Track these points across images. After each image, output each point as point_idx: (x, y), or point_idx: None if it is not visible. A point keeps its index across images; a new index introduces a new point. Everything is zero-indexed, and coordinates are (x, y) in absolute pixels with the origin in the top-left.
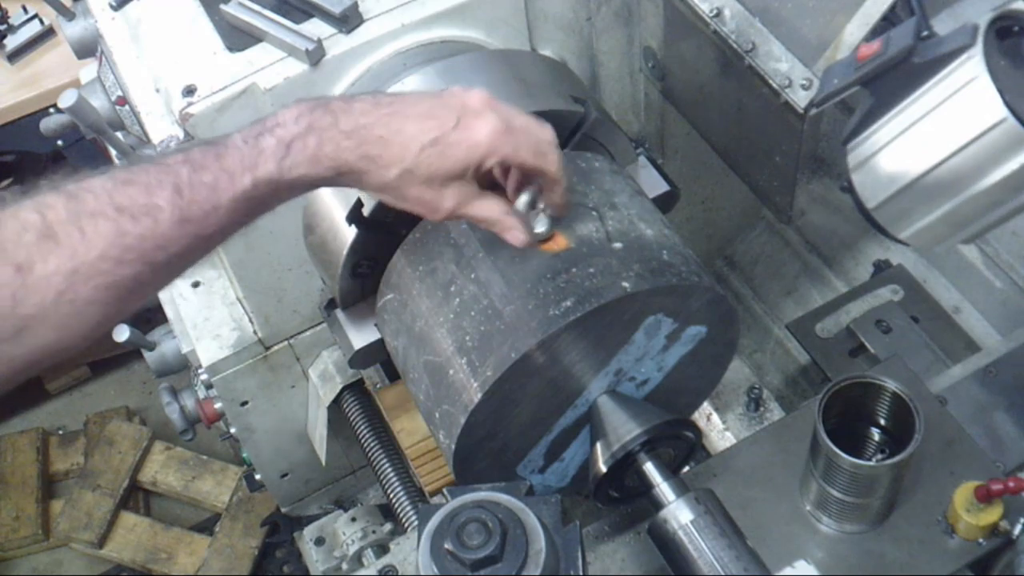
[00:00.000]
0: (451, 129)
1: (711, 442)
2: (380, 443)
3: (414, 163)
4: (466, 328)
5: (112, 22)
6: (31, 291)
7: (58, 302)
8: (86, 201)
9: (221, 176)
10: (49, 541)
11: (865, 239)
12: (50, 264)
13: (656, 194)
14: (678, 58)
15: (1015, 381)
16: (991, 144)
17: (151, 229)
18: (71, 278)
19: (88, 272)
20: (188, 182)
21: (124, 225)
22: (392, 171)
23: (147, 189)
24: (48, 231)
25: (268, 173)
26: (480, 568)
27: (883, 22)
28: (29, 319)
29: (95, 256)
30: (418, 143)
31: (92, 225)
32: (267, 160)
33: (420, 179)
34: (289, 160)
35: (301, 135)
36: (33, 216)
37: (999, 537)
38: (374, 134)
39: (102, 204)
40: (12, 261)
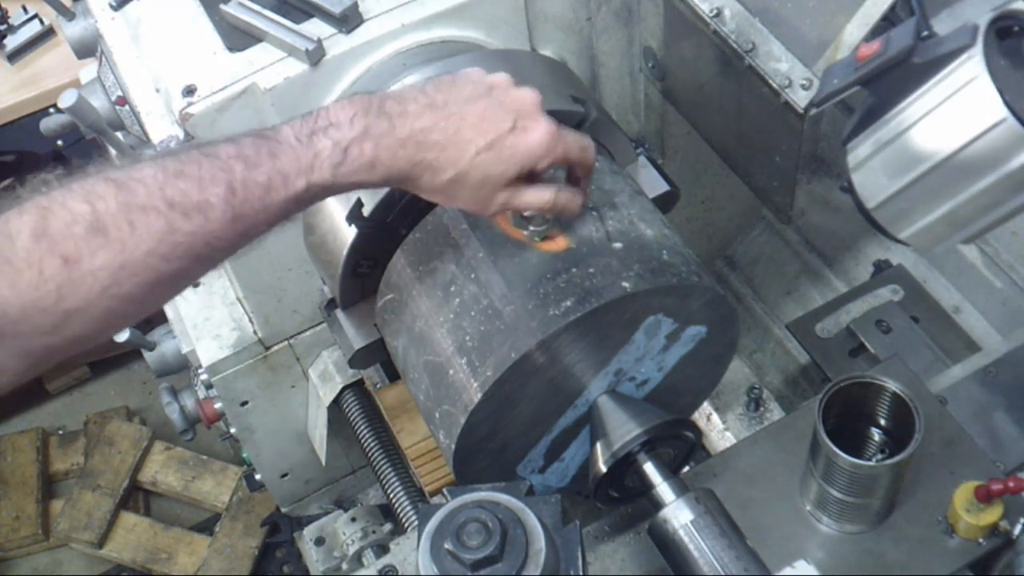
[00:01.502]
0: (507, 132)
1: (711, 442)
2: (380, 443)
3: (469, 167)
4: (466, 328)
5: (112, 22)
6: (77, 285)
7: (102, 296)
8: (137, 193)
9: (275, 177)
10: (49, 541)
11: (865, 239)
12: (98, 259)
13: (656, 194)
14: (678, 58)
15: (1015, 381)
16: (991, 144)
17: (202, 227)
18: (118, 274)
19: (135, 268)
20: (242, 181)
21: (175, 222)
22: (446, 175)
23: (200, 184)
24: (98, 223)
25: (323, 179)
26: (480, 568)
27: (883, 22)
28: (72, 312)
29: (143, 252)
30: (474, 147)
31: (143, 219)
32: (322, 165)
33: (473, 182)
34: (345, 167)
35: (357, 140)
36: (83, 207)
37: (999, 537)
38: (430, 139)
39: (153, 198)
40: (60, 253)
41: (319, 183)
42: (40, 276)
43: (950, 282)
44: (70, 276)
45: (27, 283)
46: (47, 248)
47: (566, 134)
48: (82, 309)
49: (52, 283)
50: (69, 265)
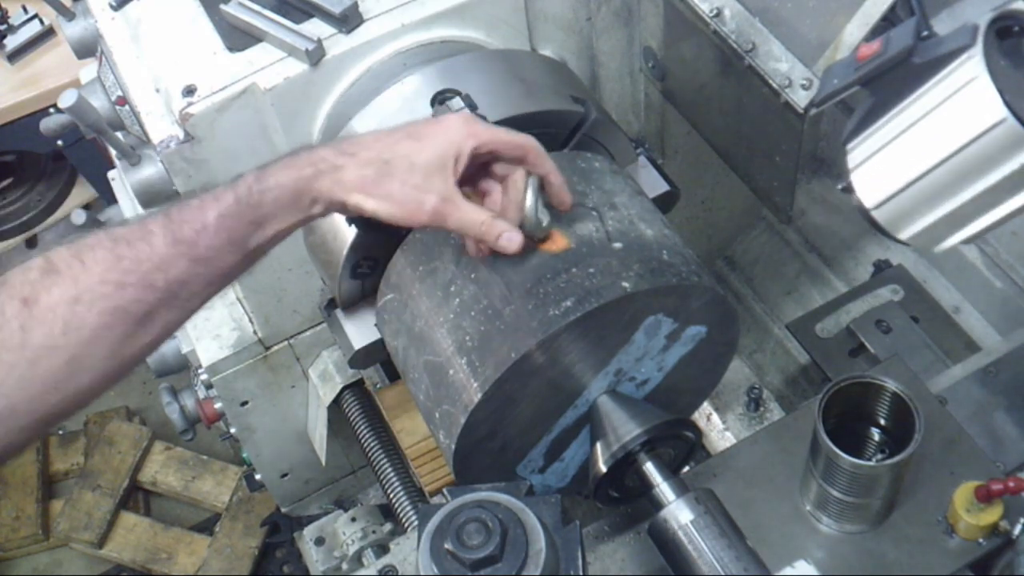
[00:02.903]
0: (423, 124)
1: (711, 442)
2: (380, 443)
3: (391, 153)
4: (466, 328)
5: (112, 22)
6: (38, 321)
7: (66, 330)
8: (86, 240)
9: (206, 198)
10: (49, 541)
11: (865, 239)
12: (54, 294)
13: (656, 194)
14: (678, 58)
15: (1015, 381)
16: (991, 144)
17: (146, 252)
18: (74, 305)
19: (90, 298)
20: (177, 208)
21: (120, 250)
22: (372, 163)
23: (140, 222)
24: (50, 267)
25: (247, 185)
26: (480, 568)
27: (883, 22)
28: (39, 350)
29: (95, 281)
30: (394, 138)
31: (91, 255)
32: (247, 177)
33: (400, 170)
34: (267, 170)
35: (279, 159)
36: (38, 260)
37: (999, 537)
38: (352, 138)
39: (100, 239)
40: (19, 296)
41: (244, 191)
42: (2, 317)
43: (950, 282)
44: (31, 314)
45: None
46: (6, 295)
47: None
48: (48, 345)
49: (15, 322)
50: (28, 305)
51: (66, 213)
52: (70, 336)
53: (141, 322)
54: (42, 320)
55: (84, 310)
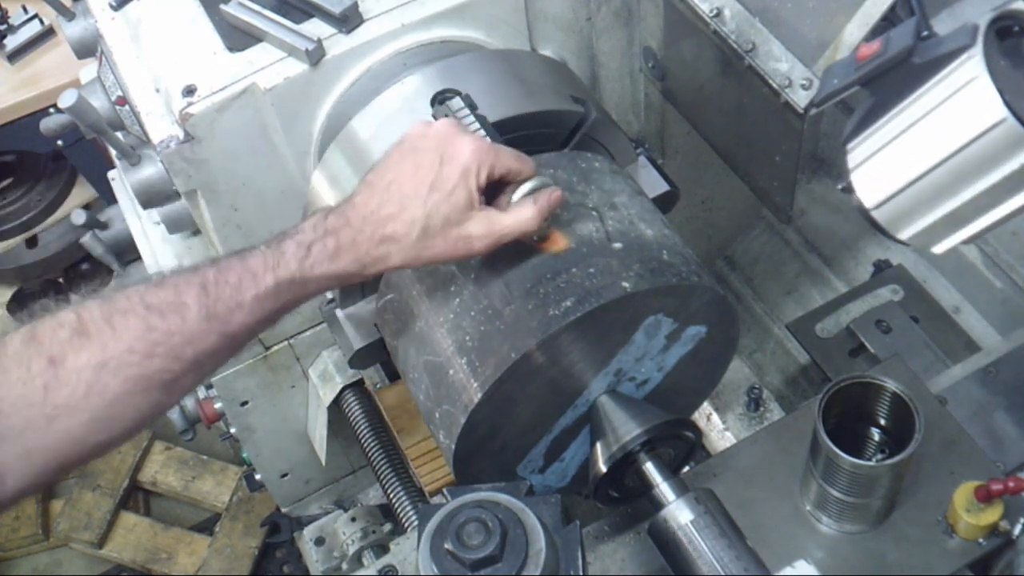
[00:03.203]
0: (439, 167)
1: (711, 442)
2: (380, 443)
3: (425, 217)
4: (466, 328)
5: (112, 22)
6: (62, 383)
7: (88, 394)
8: (118, 302)
9: (245, 276)
10: (49, 541)
11: (865, 239)
12: (81, 358)
13: (656, 194)
14: (678, 58)
15: (1015, 381)
16: (991, 144)
17: (178, 325)
18: (100, 371)
19: (116, 365)
20: (214, 281)
21: (152, 321)
22: (413, 235)
23: (176, 289)
24: (81, 328)
25: (290, 272)
26: (480, 568)
27: (883, 22)
28: (60, 409)
29: (123, 349)
30: (420, 198)
31: (122, 322)
32: (288, 261)
33: (438, 228)
34: (310, 260)
35: (320, 238)
36: (70, 316)
37: (999, 537)
38: (383, 213)
39: (133, 303)
40: (46, 354)
41: (286, 277)
42: (28, 373)
43: (950, 282)
44: (56, 374)
45: (15, 379)
46: (35, 350)
47: (496, 145)
48: (70, 406)
49: (39, 380)
50: (55, 365)
51: (66, 213)
52: (92, 400)
53: (164, 389)
54: (66, 382)
55: (109, 376)
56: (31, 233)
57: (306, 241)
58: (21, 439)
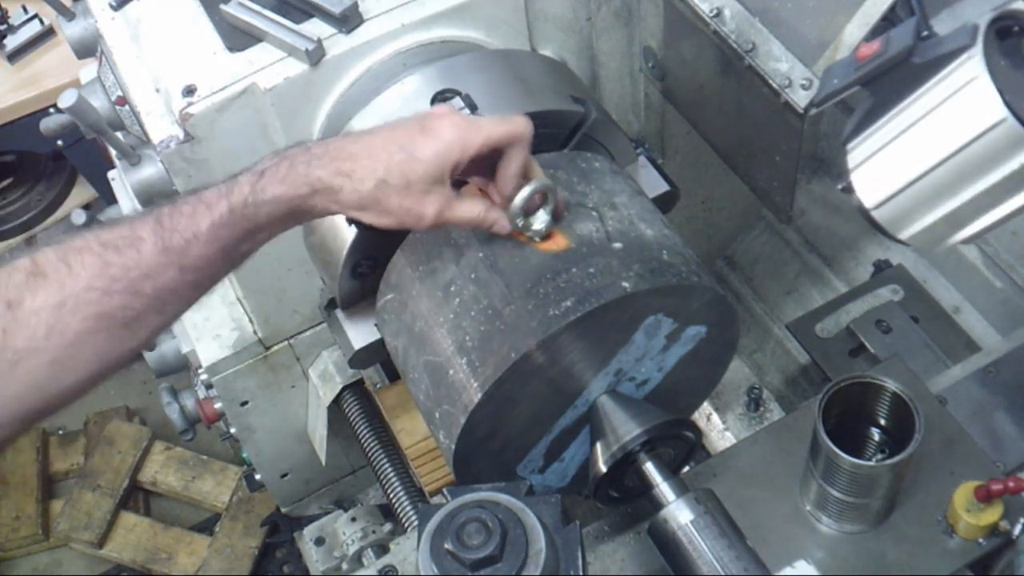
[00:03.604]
0: (417, 133)
1: (711, 442)
2: (380, 443)
3: (387, 171)
4: (466, 328)
5: (112, 22)
6: (22, 325)
7: (49, 335)
8: (73, 242)
9: (199, 206)
10: (49, 541)
11: (865, 239)
12: (39, 299)
13: (656, 194)
14: (678, 58)
15: (1015, 381)
16: (991, 144)
17: (135, 259)
18: (59, 311)
19: (75, 303)
20: (168, 214)
21: (108, 256)
22: (367, 183)
23: (131, 225)
24: (37, 270)
25: (242, 196)
26: (480, 568)
27: (883, 22)
28: (21, 352)
29: (81, 287)
30: (388, 152)
31: (78, 260)
32: (241, 186)
33: (397, 188)
34: (262, 182)
35: (274, 164)
36: (25, 261)
37: (999, 537)
38: (345, 151)
39: (88, 242)
40: (3, 298)
41: (239, 201)
42: None
43: (950, 282)
44: (14, 317)
45: None
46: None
47: (480, 120)
48: (31, 348)
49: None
50: (12, 308)
51: (66, 213)
52: (52, 340)
53: (127, 327)
54: (25, 324)
55: (68, 315)
56: (31, 233)
57: (260, 168)
58: None
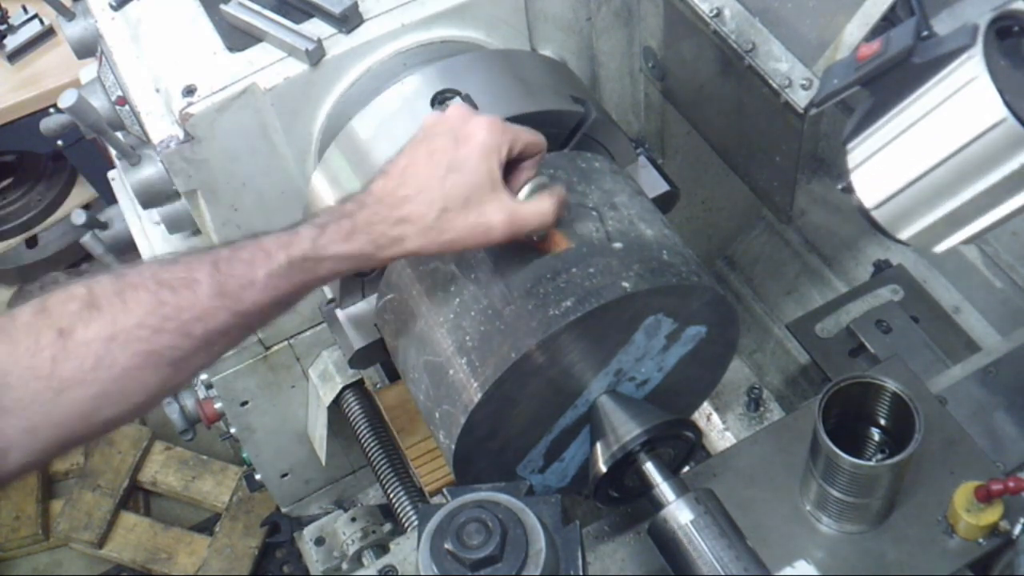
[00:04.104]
0: (454, 148)
1: (711, 442)
2: (380, 443)
3: (444, 198)
4: (466, 328)
5: (112, 22)
6: (71, 355)
7: (97, 367)
8: (130, 276)
9: (258, 253)
10: (49, 541)
11: (865, 239)
12: (91, 330)
13: (656, 194)
14: (678, 58)
15: (1015, 381)
16: (991, 144)
17: (189, 301)
18: (109, 344)
19: (126, 339)
20: (226, 259)
21: (163, 296)
22: (429, 218)
23: (188, 266)
24: (92, 301)
25: (303, 251)
26: (480, 568)
27: (883, 22)
28: (68, 382)
29: (133, 324)
30: (437, 179)
31: (133, 296)
32: (302, 240)
33: (457, 208)
34: (323, 239)
35: (334, 220)
36: (80, 289)
37: (999, 537)
38: (399, 194)
39: (144, 278)
40: (56, 326)
41: (299, 255)
42: (36, 344)
43: (950, 282)
44: (64, 346)
45: (23, 351)
46: (44, 322)
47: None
48: (77, 379)
49: (47, 352)
50: (63, 336)
51: (66, 213)
52: (100, 373)
53: (173, 365)
54: (75, 354)
55: (118, 350)
56: (31, 233)
57: (320, 222)
58: (27, 413)
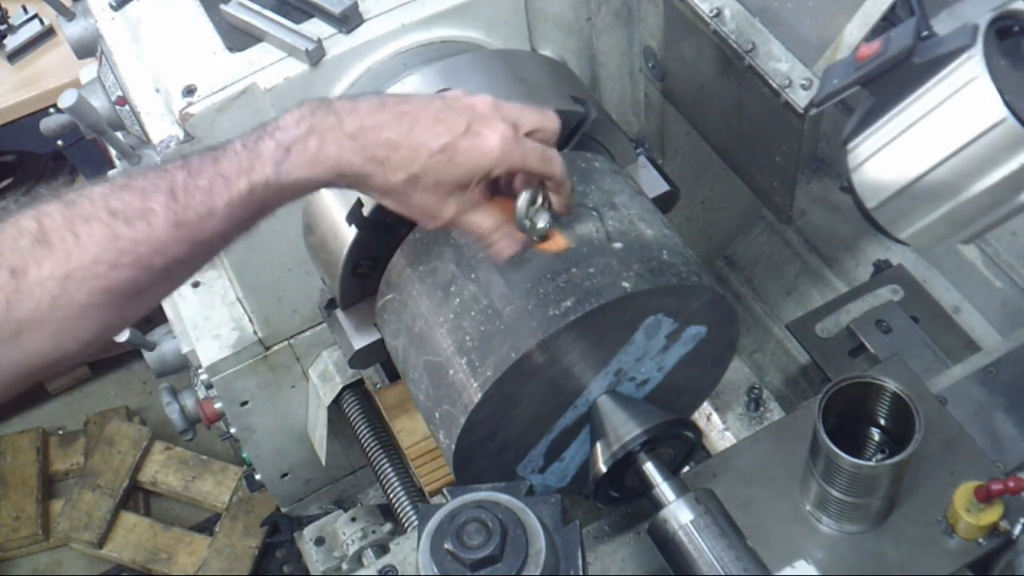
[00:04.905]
0: (461, 135)
1: (711, 442)
2: (380, 443)
3: (422, 169)
4: (466, 328)
5: (112, 22)
6: (25, 295)
7: (53, 307)
8: (82, 206)
9: (216, 180)
10: (49, 541)
11: (865, 239)
12: (44, 269)
13: (656, 194)
14: (678, 58)
15: (1015, 381)
16: (991, 144)
17: (145, 233)
18: (65, 282)
19: (82, 276)
20: (183, 186)
21: (118, 229)
22: (399, 175)
23: (143, 193)
24: (43, 236)
25: (264, 176)
26: (480, 568)
27: (883, 22)
28: (24, 323)
29: (89, 260)
30: (428, 148)
31: (86, 229)
32: (264, 164)
33: (426, 186)
34: (288, 163)
35: (301, 137)
36: (30, 223)
37: (999, 537)
38: (382, 136)
39: (97, 209)
40: (7, 265)
41: (261, 181)
42: None
43: (950, 282)
44: (18, 286)
45: None
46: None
47: (526, 141)
48: (35, 319)
49: (1, 293)
50: (16, 276)
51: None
52: (57, 312)
53: (132, 299)
54: (29, 294)
55: (74, 288)
56: None
57: (286, 141)
58: None
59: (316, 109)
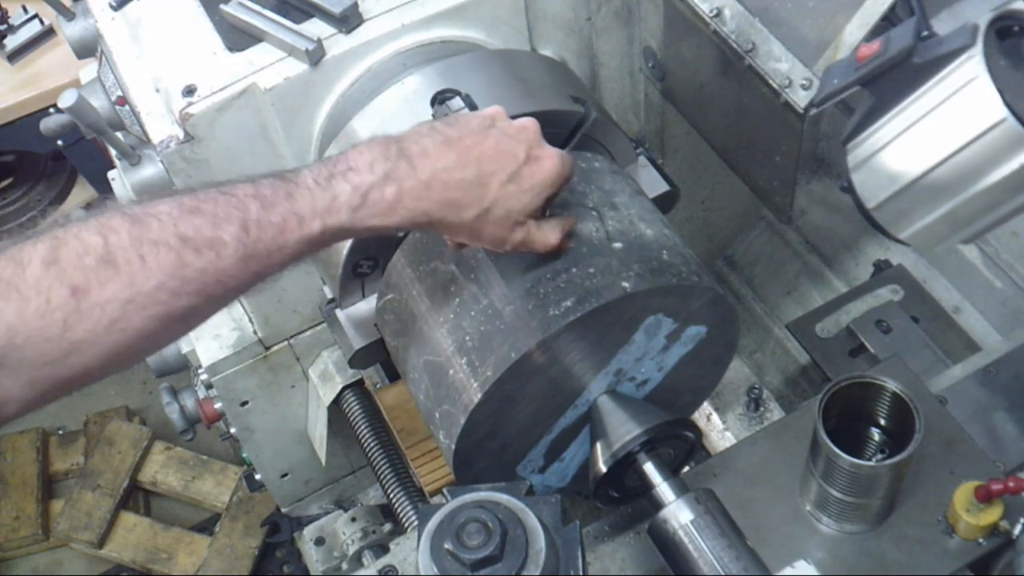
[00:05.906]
0: (523, 163)
1: (711, 442)
2: (380, 443)
3: (492, 201)
4: (466, 328)
5: (112, 22)
6: (84, 317)
7: (110, 330)
8: (150, 227)
9: (291, 218)
10: (49, 541)
11: (865, 239)
12: (107, 291)
13: (656, 194)
14: (678, 58)
15: (1015, 381)
16: (991, 144)
17: (213, 264)
18: (126, 307)
19: (143, 302)
20: (256, 220)
21: (186, 257)
22: (471, 212)
23: (214, 221)
24: (109, 256)
25: (340, 222)
26: (480, 568)
27: (883, 22)
28: (78, 344)
29: (153, 286)
30: (497, 181)
31: (154, 253)
32: (340, 209)
33: (496, 217)
34: (364, 211)
35: (377, 185)
36: (95, 239)
37: (999, 537)
38: (454, 178)
39: (166, 233)
40: (69, 283)
41: (335, 226)
42: (47, 305)
43: (950, 282)
44: (77, 306)
45: (33, 311)
46: (56, 277)
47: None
48: (88, 341)
49: (59, 312)
50: (77, 296)
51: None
52: (113, 336)
53: (183, 324)
54: (88, 316)
55: (134, 313)
56: None
57: (362, 187)
58: (31, 371)
59: (387, 151)
